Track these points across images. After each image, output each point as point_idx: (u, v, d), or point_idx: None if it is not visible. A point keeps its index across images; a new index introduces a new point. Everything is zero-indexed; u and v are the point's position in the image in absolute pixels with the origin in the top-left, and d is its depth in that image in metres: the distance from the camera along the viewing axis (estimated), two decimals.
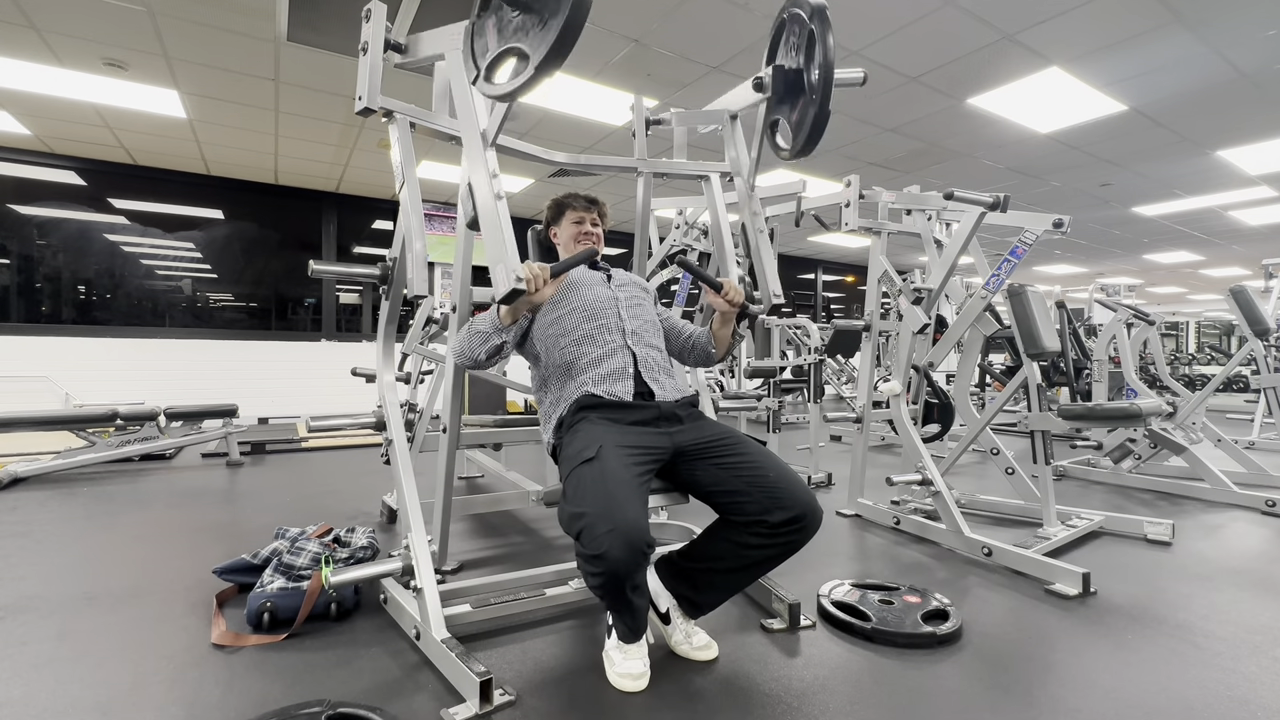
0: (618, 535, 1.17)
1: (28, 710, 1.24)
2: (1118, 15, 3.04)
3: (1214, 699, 1.32)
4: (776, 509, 1.36)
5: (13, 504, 2.80)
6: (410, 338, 2.52)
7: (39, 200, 5.34)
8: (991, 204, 2.25)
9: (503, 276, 1.27)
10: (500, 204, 1.36)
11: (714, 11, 3.05)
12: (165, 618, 1.66)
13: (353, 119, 4.44)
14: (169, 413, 3.66)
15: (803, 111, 1.55)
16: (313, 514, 2.66)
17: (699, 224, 3.17)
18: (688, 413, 1.56)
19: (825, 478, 3.40)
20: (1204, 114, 4.21)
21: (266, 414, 5.57)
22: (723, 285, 1.61)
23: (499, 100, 1.35)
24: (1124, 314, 4.03)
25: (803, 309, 10.25)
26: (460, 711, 1.22)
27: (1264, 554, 2.30)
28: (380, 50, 1.44)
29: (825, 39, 1.42)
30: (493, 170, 1.39)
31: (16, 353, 5.03)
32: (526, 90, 1.20)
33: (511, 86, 1.21)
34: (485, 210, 1.35)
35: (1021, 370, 2.44)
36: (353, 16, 1.42)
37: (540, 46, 1.13)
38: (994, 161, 5.24)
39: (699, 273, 1.66)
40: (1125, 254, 9.16)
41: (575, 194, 1.85)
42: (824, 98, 1.44)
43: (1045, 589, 1.90)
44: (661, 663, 1.43)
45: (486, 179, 1.37)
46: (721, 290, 1.60)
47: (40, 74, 3.69)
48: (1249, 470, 3.38)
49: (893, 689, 1.35)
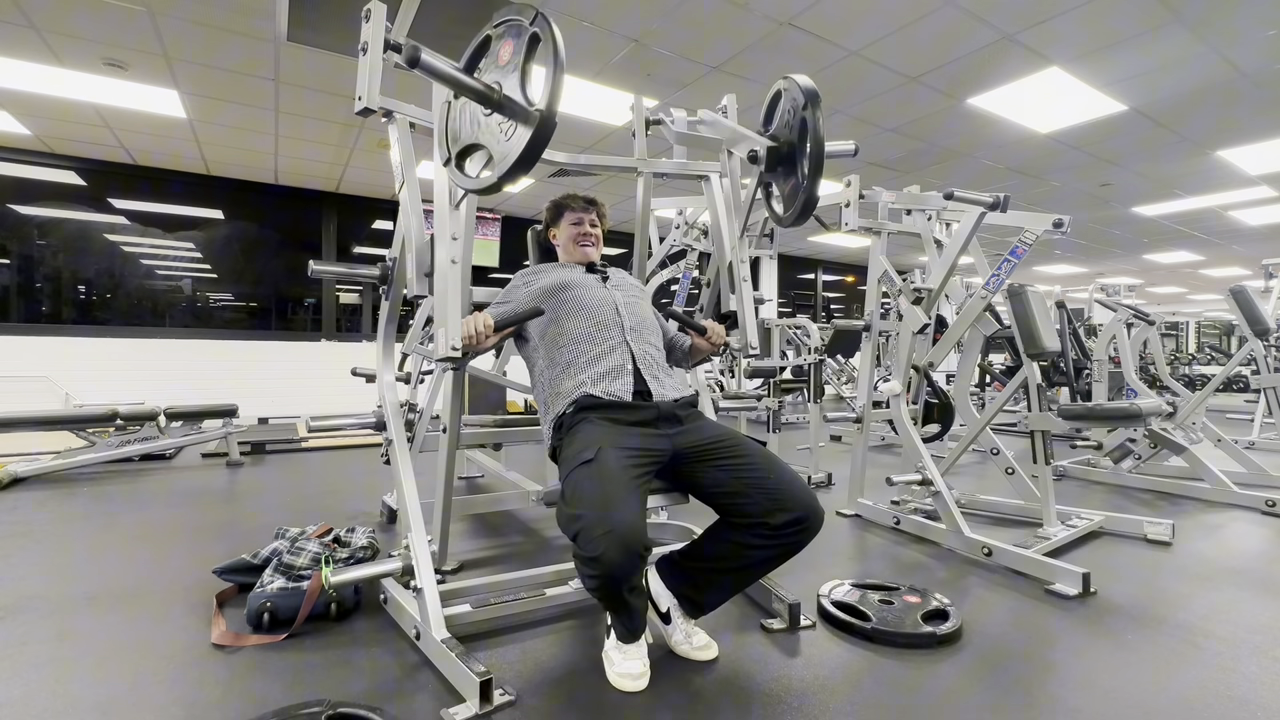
0: (614, 537, 1.17)
1: (28, 710, 1.24)
2: (1118, 15, 3.04)
3: (1214, 699, 1.32)
4: (778, 510, 1.36)
5: (13, 504, 2.80)
6: (410, 338, 2.51)
7: (39, 200, 5.34)
8: (991, 204, 2.25)
9: (442, 341, 1.34)
10: (454, 268, 1.40)
11: (714, 11, 3.05)
12: (165, 618, 1.66)
13: (353, 119, 4.44)
14: (169, 413, 3.66)
15: (793, 191, 1.65)
16: (313, 514, 2.66)
17: (699, 224, 3.17)
18: (687, 413, 1.56)
19: (825, 478, 3.40)
20: (1204, 114, 4.21)
21: (266, 414, 5.57)
22: (706, 330, 1.72)
23: (469, 192, 1.42)
24: (1124, 314, 4.03)
25: (803, 309, 10.25)
26: (460, 711, 1.22)
27: (1264, 554, 2.30)
28: (380, 50, 1.44)
29: (816, 125, 1.50)
30: (453, 234, 1.43)
31: (16, 353, 5.03)
32: (494, 191, 1.26)
33: (478, 185, 1.28)
34: (440, 271, 1.40)
35: (1021, 370, 2.44)
36: (353, 16, 1.42)
37: (507, 154, 1.18)
38: (994, 161, 5.24)
39: (685, 321, 1.76)
40: (1125, 254, 9.16)
41: (574, 195, 1.86)
42: (812, 183, 1.53)
43: (1045, 589, 1.90)
44: (661, 663, 1.43)
45: (446, 240, 1.42)
46: (705, 334, 1.72)
47: (40, 74, 3.69)
48: (1249, 470, 3.38)
49: (893, 689, 1.35)
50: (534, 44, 1.16)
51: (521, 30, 1.19)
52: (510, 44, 1.22)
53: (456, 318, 1.35)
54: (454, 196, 1.50)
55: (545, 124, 1.11)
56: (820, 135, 1.50)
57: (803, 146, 1.57)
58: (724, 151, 1.97)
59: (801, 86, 1.54)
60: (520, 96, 1.16)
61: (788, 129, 1.65)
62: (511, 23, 1.23)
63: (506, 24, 1.24)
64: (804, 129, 1.55)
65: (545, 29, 1.14)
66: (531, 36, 1.16)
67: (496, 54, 1.26)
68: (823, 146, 1.51)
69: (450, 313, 1.35)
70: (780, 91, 1.69)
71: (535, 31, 1.15)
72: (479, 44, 1.31)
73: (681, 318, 1.78)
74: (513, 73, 1.19)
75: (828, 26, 3.19)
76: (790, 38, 3.28)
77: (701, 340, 1.73)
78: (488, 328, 1.43)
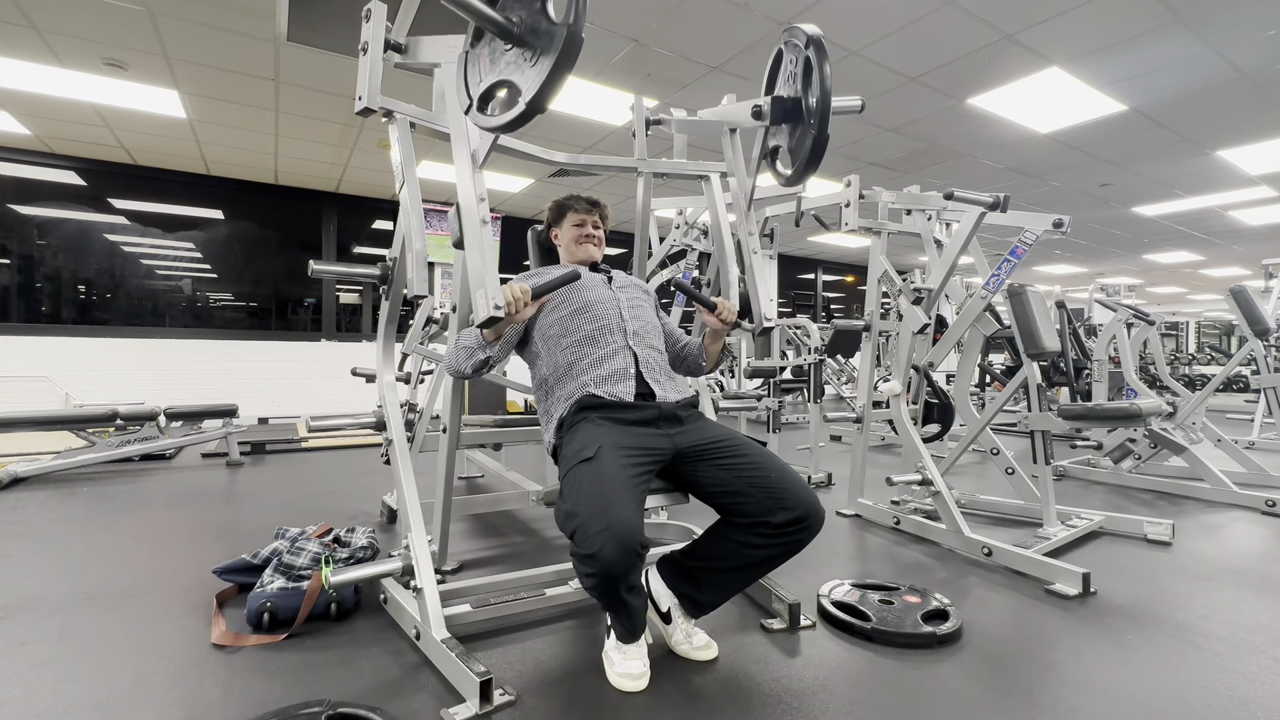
0: (610, 535, 1.17)
1: (28, 710, 1.24)
2: (1118, 15, 3.04)
3: (1214, 699, 1.32)
4: (780, 510, 1.36)
5: (13, 504, 2.80)
6: (410, 338, 2.52)
7: (39, 200, 5.34)
8: (991, 204, 2.25)
9: (483, 303, 1.29)
10: (485, 229, 1.36)
11: (714, 11, 3.05)
12: (165, 618, 1.66)
13: (353, 119, 4.43)
14: (169, 413, 3.66)
15: (800, 138, 1.55)
16: (313, 514, 2.66)
17: (699, 224, 3.17)
18: (688, 414, 1.56)
19: (825, 478, 3.40)
20: (1204, 114, 4.21)
21: (266, 414, 5.57)
22: (716, 304, 1.64)
23: (491, 131, 1.35)
24: (1124, 314, 4.03)
25: (803, 309, 10.26)
26: (460, 711, 1.22)
27: (1264, 554, 2.30)
28: (380, 50, 1.44)
29: (822, 68, 1.42)
30: (480, 194, 1.39)
31: (16, 353, 5.03)
32: (518, 125, 1.20)
33: (503, 120, 1.22)
34: (470, 233, 1.36)
35: (1021, 370, 2.44)
36: (353, 16, 1.42)
37: (531, 82, 1.14)
38: (994, 161, 5.24)
39: (693, 293, 1.68)
40: (1125, 254, 9.16)
41: (577, 196, 1.85)
42: (821, 123, 1.44)
43: (1045, 589, 1.90)
44: (661, 663, 1.43)
45: (474, 202, 1.37)
46: (715, 310, 1.63)
47: (40, 74, 3.69)
48: (1249, 470, 3.38)
49: (893, 689, 1.35)
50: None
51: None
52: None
53: (495, 277, 1.31)
54: (477, 159, 1.44)
55: (572, 40, 1.06)
56: (827, 77, 1.42)
57: (807, 92, 1.49)
58: (726, 132, 1.91)
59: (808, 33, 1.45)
60: (543, 20, 1.12)
61: (791, 80, 1.56)
62: None
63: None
64: (808, 72, 1.47)
65: None
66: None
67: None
68: (829, 88, 1.42)
69: (488, 273, 1.30)
70: (780, 50, 1.61)
71: None
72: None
73: (690, 290, 1.69)
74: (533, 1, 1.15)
75: (828, 26, 3.19)
76: None
77: (712, 317, 1.64)
78: (525, 293, 1.36)
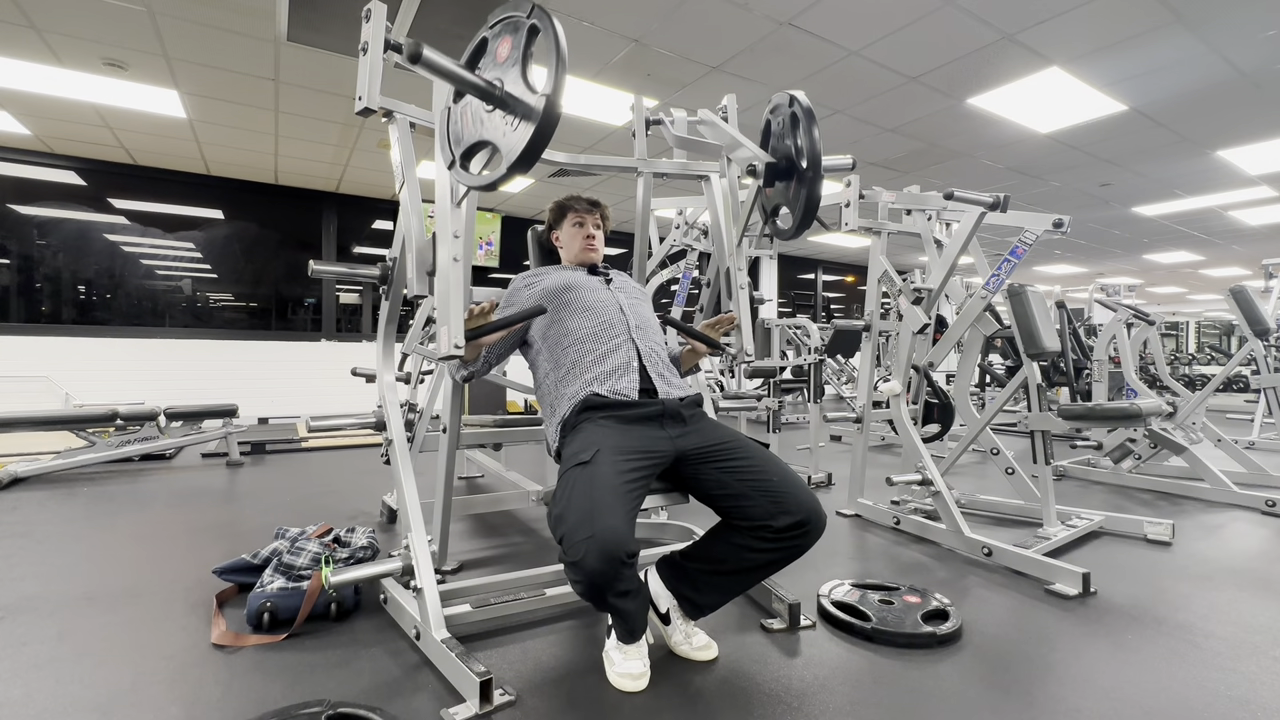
0: (595, 543, 1.17)
1: (28, 710, 1.24)
2: (1118, 15, 3.04)
3: (1214, 699, 1.32)
4: (781, 514, 1.36)
5: (13, 504, 2.80)
6: (410, 338, 2.51)
7: (39, 200, 5.34)
8: (991, 204, 2.25)
9: (445, 339, 1.33)
10: (456, 266, 1.39)
11: (714, 11, 3.05)
12: (165, 618, 1.66)
13: (353, 119, 4.43)
14: (169, 413, 3.66)
15: (794, 201, 1.70)
16: (313, 514, 2.66)
17: (699, 224, 3.17)
18: (692, 413, 1.56)
19: (825, 478, 3.40)
20: (1204, 114, 4.20)
21: (266, 414, 5.57)
22: (706, 338, 1.73)
23: (474, 189, 1.42)
24: (1124, 314, 4.03)
25: (803, 309, 10.25)
26: (460, 711, 1.22)
27: (1264, 554, 2.30)
28: (380, 50, 1.44)
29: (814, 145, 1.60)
30: (454, 231, 1.42)
31: (16, 353, 5.03)
32: (500, 185, 1.24)
33: (485, 180, 1.26)
34: (442, 269, 1.39)
35: (1021, 370, 2.44)
36: (353, 16, 1.43)
37: (513, 147, 1.16)
38: (994, 161, 5.24)
39: (686, 329, 1.76)
40: (1125, 254, 9.16)
41: (578, 197, 1.85)
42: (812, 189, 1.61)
43: (1045, 589, 1.90)
44: (661, 663, 1.43)
45: (448, 238, 1.40)
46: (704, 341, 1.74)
47: (40, 74, 3.69)
48: (1249, 470, 3.38)
49: (893, 689, 1.35)
50: (533, 35, 1.16)
51: (519, 25, 1.18)
52: (508, 40, 1.21)
53: (459, 316, 1.35)
54: (455, 194, 1.49)
55: (550, 111, 1.09)
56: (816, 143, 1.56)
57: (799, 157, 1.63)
58: (723, 158, 1.97)
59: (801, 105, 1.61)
60: (523, 88, 1.15)
61: (785, 148, 1.70)
62: (508, 20, 1.22)
63: (502, 23, 1.24)
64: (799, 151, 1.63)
65: (544, 20, 1.13)
66: (530, 28, 1.15)
67: (494, 52, 1.25)
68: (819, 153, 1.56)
69: (453, 311, 1.34)
70: (776, 107, 1.72)
71: (534, 23, 1.15)
72: (475, 47, 1.30)
73: (679, 325, 1.78)
74: (513, 67, 1.18)
75: (828, 26, 3.19)
76: (790, 38, 3.28)
77: (701, 346, 1.74)
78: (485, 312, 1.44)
